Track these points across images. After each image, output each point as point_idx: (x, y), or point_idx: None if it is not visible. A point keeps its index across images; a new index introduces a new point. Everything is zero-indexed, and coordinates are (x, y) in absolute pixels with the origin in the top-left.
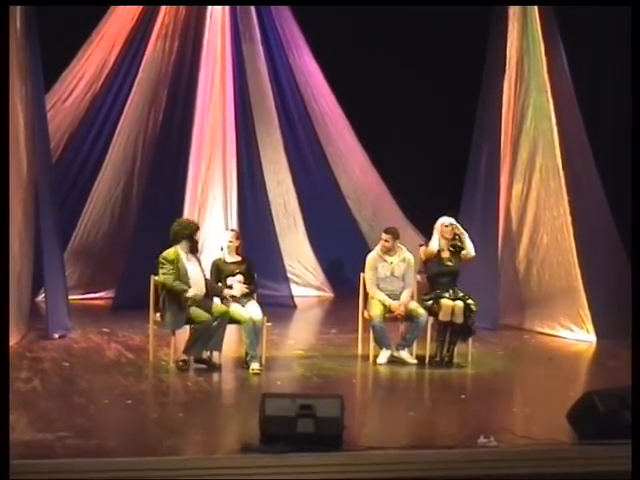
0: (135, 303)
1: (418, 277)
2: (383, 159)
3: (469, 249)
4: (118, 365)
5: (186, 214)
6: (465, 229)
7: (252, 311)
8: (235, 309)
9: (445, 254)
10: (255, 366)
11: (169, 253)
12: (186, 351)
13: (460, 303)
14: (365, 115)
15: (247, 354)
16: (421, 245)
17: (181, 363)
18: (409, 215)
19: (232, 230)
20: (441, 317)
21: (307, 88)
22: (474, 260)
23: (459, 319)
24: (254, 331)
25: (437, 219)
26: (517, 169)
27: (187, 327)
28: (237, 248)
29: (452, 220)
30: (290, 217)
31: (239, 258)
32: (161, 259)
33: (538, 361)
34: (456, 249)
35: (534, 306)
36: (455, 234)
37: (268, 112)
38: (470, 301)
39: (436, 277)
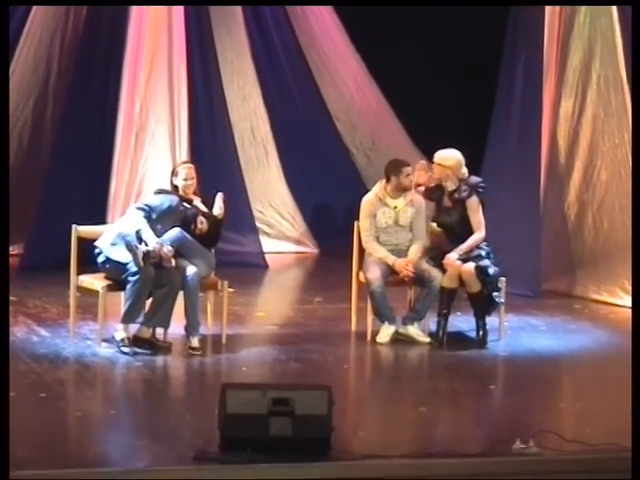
0: (51, 261)
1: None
2: (385, 68)
3: None
4: (28, 345)
5: (119, 141)
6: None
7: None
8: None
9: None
10: (195, 342)
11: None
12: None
13: (469, 266)
14: (361, 8)
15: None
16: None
17: (124, 341)
18: (420, 144)
19: (187, 163)
20: (444, 283)
21: None
22: None
23: (473, 287)
24: (197, 289)
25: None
26: (566, 80)
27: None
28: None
29: (438, 155)
30: (260, 146)
31: (199, 200)
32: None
33: (593, 339)
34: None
35: (588, 265)
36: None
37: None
38: (485, 262)
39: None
